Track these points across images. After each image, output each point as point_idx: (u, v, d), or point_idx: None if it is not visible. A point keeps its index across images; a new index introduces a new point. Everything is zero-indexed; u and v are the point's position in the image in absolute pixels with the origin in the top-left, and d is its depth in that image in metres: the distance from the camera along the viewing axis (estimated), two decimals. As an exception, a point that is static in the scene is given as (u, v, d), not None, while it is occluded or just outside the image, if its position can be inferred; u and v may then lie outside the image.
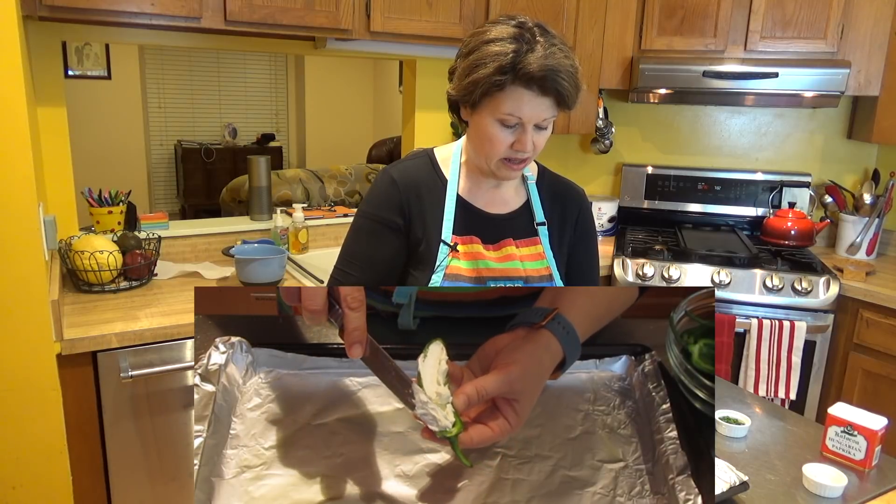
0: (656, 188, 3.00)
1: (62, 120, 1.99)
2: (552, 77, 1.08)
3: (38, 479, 1.55)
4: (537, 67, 1.07)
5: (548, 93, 1.09)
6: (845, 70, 2.41)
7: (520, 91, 1.09)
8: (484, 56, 1.10)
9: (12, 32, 1.35)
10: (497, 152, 1.16)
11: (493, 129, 1.14)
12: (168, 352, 1.71)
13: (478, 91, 1.11)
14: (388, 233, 1.23)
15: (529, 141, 1.14)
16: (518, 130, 1.13)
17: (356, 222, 1.27)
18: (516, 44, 1.08)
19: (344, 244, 1.28)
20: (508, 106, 1.10)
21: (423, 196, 1.24)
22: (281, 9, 1.90)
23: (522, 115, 1.11)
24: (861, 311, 2.30)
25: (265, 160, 2.54)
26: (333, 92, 7.60)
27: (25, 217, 1.43)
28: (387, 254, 1.24)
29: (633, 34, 2.66)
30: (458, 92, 1.16)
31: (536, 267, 1.25)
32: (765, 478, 1.13)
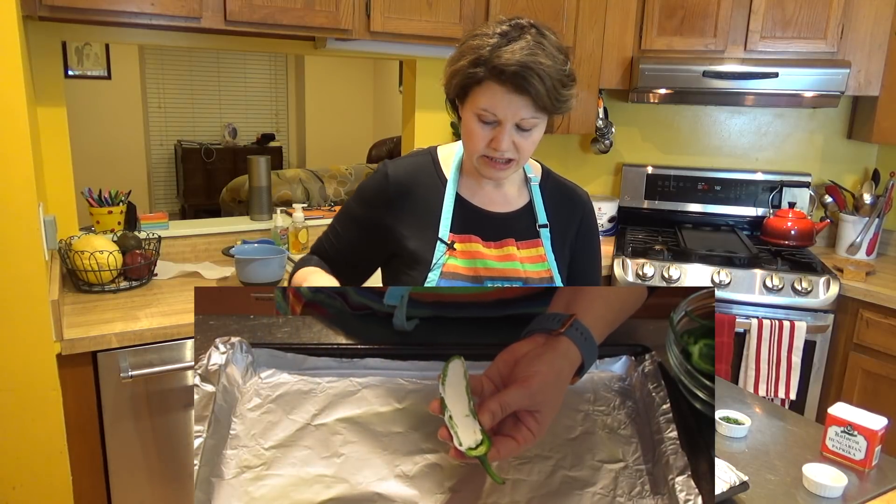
0: (656, 188, 3.00)
1: (62, 120, 1.99)
2: (523, 74, 1.05)
3: (38, 479, 1.55)
4: (511, 62, 1.04)
5: (522, 91, 1.06)
6: (845, 70, 2.41)
7: (493, 86, 1.08)
8: (465, 49, 1.11)
9: (12, 32, 1.35)
10: (475, 148, 1.15)
11: (472, 125, 1.13)
12: (168, 352, 1.71)
13: (455, 83, 1.12)
14: (359, 227, 1.30)
15: (506, 140, 1.11)
16: (496, 127, 1.12)
17: (346, 204, 1.35)
18: (497, 39, 1.07)
19: (335, 216, 1.37)
20: (484, 101, 1.10)
21: (418, 194, 1.24)
22: (281, 9, 1.90)
23: (497, 112, 1.09)
24: (861, 311, 2.30)
25: (265, 160, 2.54)
26: (333, 92, 7.60)
27: (25, 217, 1.43)
28: (352, 244, 1.31)
29: (633, 34, 2.66)
30: (444, 84, 1.17)
31: (537, 269, 1.24)
32: (765, 478, 1.13)
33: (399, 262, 1.26)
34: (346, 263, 1.33)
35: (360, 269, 1.35)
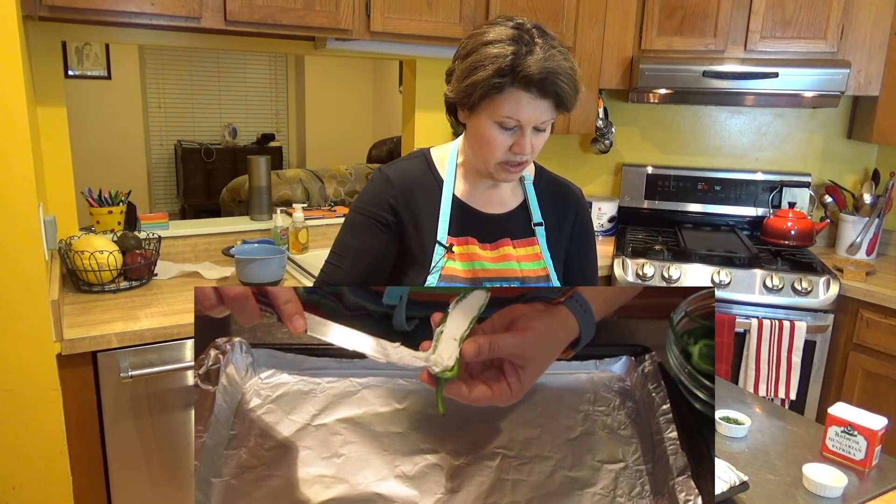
0: (656, 188, 3.00)
1: (62, 120, 1.99)
2: (551, 80, 1.07)
3: (38, 479, 1.55)
4: (537, 70, 1.06)
5: (547, 95, 1.09)
6: (845, 70, 2.41)
7: (519, 94, 1.09)
8: (482, 58, 1.09)
9: (12, 32, 1.35)
10: (495, 155, 1.15)
11: (492, 132, 1.13)
12: (168, 352, 1.71)
13: (476, 93, 1.11)
14: (378, 228, 1.24)
15: (528, 143, 1.13)
16: (516, 133, 1.13)
17: (349, 217, 1.28)
18: (515, 46, 1.08)
19: (336, 238, 1.29)
20: (507, 109, 1.10)
21: (418, 196, 1.24)
22: (281, 9, 1.90)
23: (521, 117, 1.11)
24: (861, 311, 2.30)
25: (265, 160, 2.54)
26: (333, 92, 7.60)
27: (25, 217, 1.43)
28: (376, 249, 1.24)
29: (633, 34, 2.66)
30: (456, 94, 1.15)
31: (533, 267, 1.24)
32: (765, 478, 1.13)
33: (398, 264, 1.26)
34: (372, 273, 1.25)
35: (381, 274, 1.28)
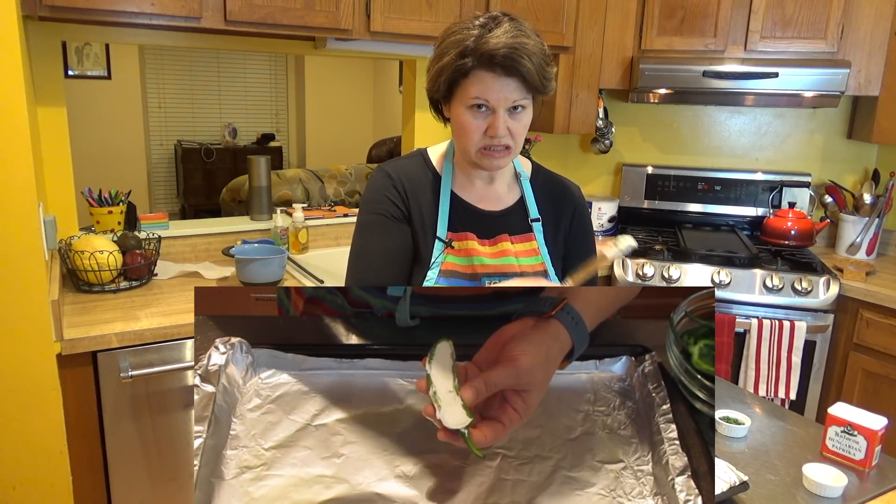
0: (656, 188, 3.00)
1: (62, 120, 1.99)
2: (513, 56, 1.07)
3: (38, 479, 1.55)
4: (497, 46, 1.07)
5: (511, 73, 1.09)
6: (845, 70, 2.41)
7: (483, 74, 1.10)
8: (447, 45, 1.12)
9: (12, 32, 1.35)
10: (473, 141, 1.16)
11: (466, 117, 1.14)
12: (168, 352, 1.71)
13: (443, 79, 1.13)
14: (395, 222, 1.23)
15: (502, 125, 1.13)
16: (490, 116, 1.13)
17: (361, 221, 1.26)
18: (479, 30, 1.10)
19: (352, 249, 1.26)
20: (474, 90, 1.11)
21: (418, 193, 1.25)
22: (281, 9, 1.90)
23: (489, 97, 1.11)
24: (861, 311, 2.30)
25: (265, 160, 2.54)
26: (333, 92, 7.60)
27: (25, 217, 1.43)
28: (402, 243, 1.23)
29: (633, 34, 2.66)
30: (429, 86, 1.18)
31: (531, 262, 1.25)
32: (765, 478, 1.13)
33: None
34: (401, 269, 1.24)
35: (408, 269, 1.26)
